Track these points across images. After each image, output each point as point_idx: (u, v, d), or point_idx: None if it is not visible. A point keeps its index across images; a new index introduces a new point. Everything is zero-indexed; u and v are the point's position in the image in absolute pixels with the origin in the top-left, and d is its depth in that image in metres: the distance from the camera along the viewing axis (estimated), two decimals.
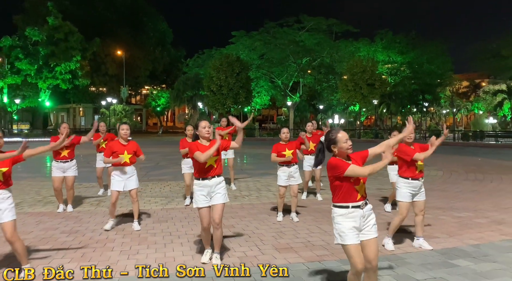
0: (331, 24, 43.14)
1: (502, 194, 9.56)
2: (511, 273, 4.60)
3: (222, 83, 36.17)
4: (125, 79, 54.44)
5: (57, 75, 47.44)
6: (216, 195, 4.82)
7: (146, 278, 4.41)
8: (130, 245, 5.63)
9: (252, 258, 5.11)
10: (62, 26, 46.14)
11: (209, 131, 4.82)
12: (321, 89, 45.95)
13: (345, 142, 3.55)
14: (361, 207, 3.52)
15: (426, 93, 43.81)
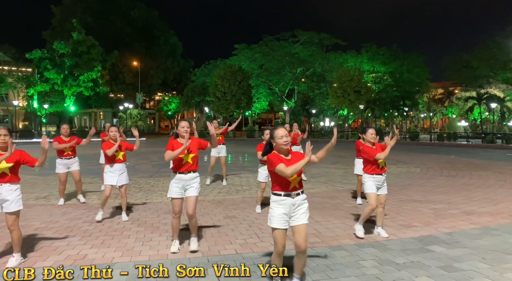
0: (322, 38, 43.14)
1: (472, 188, 9.55)
2: (479, 257, 4.61)
3: (226, 90, 36.16)
4: (140, 86, 54.46)
5: (81, 83, 47.52)
6: (190, 188, 4.79)
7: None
8: (144, 233, 5.63)
9: (252, 245, 5.12)
10: (85, 40, 46.28)
11: (187, 131, 4.75)
12: (314, 95, 45.93)
13: (280, 138, 3.48)
14: (292, 196, 3.50)
15: (406, 99, 43.77)
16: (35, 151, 4.55)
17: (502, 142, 31.61)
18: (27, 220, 6.30)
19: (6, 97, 51.55)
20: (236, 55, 44.78)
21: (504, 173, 12.43)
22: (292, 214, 3.54)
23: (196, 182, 4.84)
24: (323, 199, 8.21)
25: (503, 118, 44.52)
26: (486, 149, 26.65)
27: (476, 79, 40.53)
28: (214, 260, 4.55)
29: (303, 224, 3.54)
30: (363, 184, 5.49)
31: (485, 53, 38.20)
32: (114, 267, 4.29)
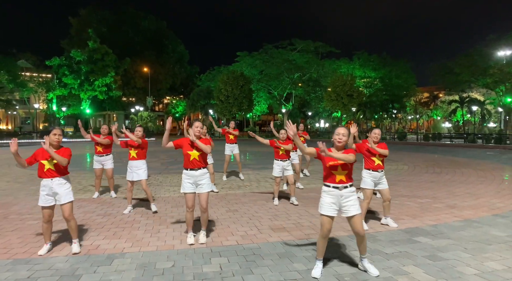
0: (317, 46, 43.03)
1: (454, 184, 9.51)
2: (462, 247, 4.58)
3: (229, 94, 36.09)
4: (150, 91, 54.41)
5: (95, 88, 47.64)
6: (201, 184, 4.76)
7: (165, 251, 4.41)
8: (153, 225, 5.61)
9: (252, 236, 5.09)
10: (100, 49, 46.37)
11: (199, 131, 4.76)
12: (310, 99, 45.83)
13: (337, 136, 3.72)
14: (339, 189, 3.67)
15: (395, 102, 43.72)
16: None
17: (482, 142, 31.56)
18: None
19: (28, 100, 51.62)
20: (238, 61, 44.65)
21: (485, 170, 12.38)
22: (342, 205, 3.69)
23: (206, 178, 4.80)
24: (318, 194, 8.10)
25: (483, 120, 44.48)
26: (468, 148, 26.57)
27: (459, 84, 40.34)
28: (216, 250, 4.53)
29: (356, 214, 3.69)
30: (362, 180, 5.47)
31: (467, 60, 38.01)
32: (125, 257, 4.28)
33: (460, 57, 38.84)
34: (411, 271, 3.86)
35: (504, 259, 4.19)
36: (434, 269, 3.92)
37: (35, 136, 41.54)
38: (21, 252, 4.39)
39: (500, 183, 9.57)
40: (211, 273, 3.83)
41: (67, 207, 4.34)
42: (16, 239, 4.89)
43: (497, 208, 6.81)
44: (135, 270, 3.90)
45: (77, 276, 3.74)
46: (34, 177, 10.45)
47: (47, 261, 4.12)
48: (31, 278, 3.68)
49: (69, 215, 4.35)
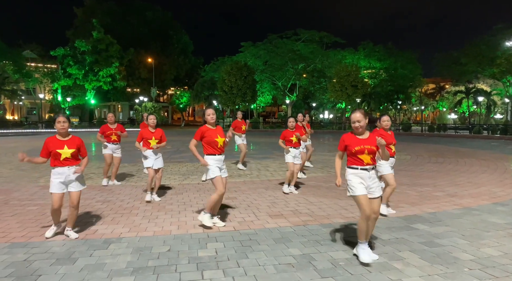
0: (322, 36, 42.56)
1: (457, 173, 9.45)
2: (459, 234, 4.55)
3: (232, 85, 35.95)
4: (154, 81, 54.32)
5: (100, 78, 47.64)
6: (224, 169, 4.90)
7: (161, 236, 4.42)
8: (151, 212, 5.62)
9: (249, 222, 5.09)
10: (104, 39, 46.26)
11: (213, 118, 4.78)
12: (314, 90, 45.51)
13: (353, 124, 3.77)
14: (368, 170, 3.71)
15: (400, 93, 43.31)
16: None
17: (488, 133, 31.32)
18: (46, 199, 6.33)
19: (33, 91, 51.87)
20: (242, 52, 44.38)
21: (488, 160, 12.29)
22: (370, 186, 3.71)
23: (224, 163, 4.93)
24: (318, 183, 8.15)
25: (489, 111, 44.01)
26: (472, 139, 26.39)
27: (465, 74, 39.88)
28: (213, 235, 4.53)
29: (380, 196, 3.75)
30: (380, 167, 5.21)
31: (474, 50, 37.50)
32: (121, 241, 4.30)
33: (467, 47, 38.34)
34: (406, 256, 3.85)
35: (501, 246, 4.16)
36: (430, 254, 3.90)
37: (41, 126, 41.84)
38: (19, 236, 4.43)
39: (503, 173, 9.50)
40: (206, 257, 3.84)
41: (77, 195, 4.37)
42: (15, 223, 4.93)
43: (497, 196, 6.76)
44: (131, 254, 3.91)
45: (73, 259, 3.76)
46: (37, 165, 10.51)
47: (44, 245, 4.14)
48: (27, 260, 3.71)
49: (78, 203, 4.37)
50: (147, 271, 3.50)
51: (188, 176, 8.95)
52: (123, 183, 7.93)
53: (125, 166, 10.39)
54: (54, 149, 4.27)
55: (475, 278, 3.32)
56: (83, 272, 3.46)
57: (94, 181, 8.08)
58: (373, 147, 3.69)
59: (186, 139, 23.15)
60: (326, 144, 20.09)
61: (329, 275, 3.41)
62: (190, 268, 3.57)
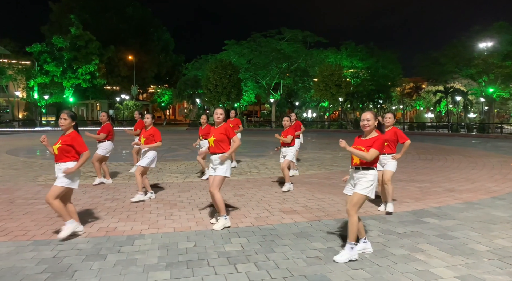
0: (305, 36, 42.89)
1: (448, 170, 9.81)
2: (469, 227, 4.79)
3: (217, 83, 35.83)
4: (135, 79, 53.56)
5: (79, 76, 46.62)
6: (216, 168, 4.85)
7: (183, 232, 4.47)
8: (164, 209, 5.65)
9: (265, 218, 5.19)
10: (83, 35, 45.29)
11: (219, 117, 4.85)
12: (297, 88, 45.92)
13: (362, 121, 3.82)
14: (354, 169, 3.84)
15: (381, 92, 44.16)
16: (32, 138, 4.50)
17: (465, 131, 32.50)
18: None
19: (6, 88, 50.13)
20: (226, 50, 44.23)
21: (473, 157, 12.78)
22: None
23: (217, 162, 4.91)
24: (319, 179, 8.33)
25: (466, 110, 45.51)
26: (452, 137, 27.28)
27: (443, 74, 41.06)
28: (234, 231, 4.61)
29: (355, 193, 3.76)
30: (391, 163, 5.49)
31: (452, 51, 38.62)
32: (145, 238, 4.33)
33: (445, 48, 39.47)
34: (426, 248, 4.03)
35: (511, 237, 4.41)
36: (447, 246, 4.10)
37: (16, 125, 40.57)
38: (39, 234, 4.39)
39: (491, 169, 9.92)
40: (234, 251, 3.92)
41: (51, 189, 4.18)
42: (30, 222, 4.87)
43: (493, 191, 7.09)
44: (158, 250, 3.96)
45: (102, 255, 3.77)
46: (29, 164, 10.30)
47: (69, 242, 4.13)
48: (57, 257, 3.70)
49: (47, 198, 4.15)
50: (181, 265, 3.56)
51: (189, 174, 8.97)
52: (126, 182, 7.89)
53: (122, 165, 10.30)
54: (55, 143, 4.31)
55: (496, 268, 3.52)
56: (117, 268, 3.48)
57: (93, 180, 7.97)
58: (361, 148, 3.73)
59: (174, 138, 23.03)
60: (315, 143, 20.34)
61: (358, 267, 3.55)
62: (221, 262, 3.65)
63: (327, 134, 29.27)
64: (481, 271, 3.44)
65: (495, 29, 37.82)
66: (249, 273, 3.40)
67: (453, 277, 3.31)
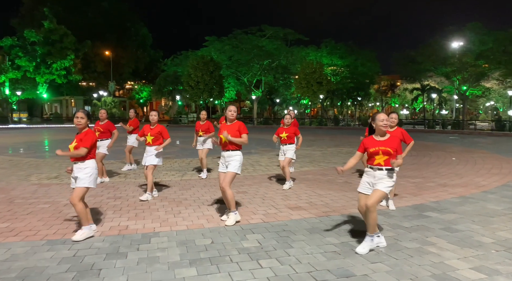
0: (286, 33, 43.12)
1: (436, 165, 10.17)
2: (469, 220, 5.02)
3: (199, 80, 35.57)
4: (112, 75, 52.46)
5: (53, 71, 45.22)
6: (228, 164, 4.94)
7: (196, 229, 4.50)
8: (171, 207, 5.65)
9: (274, 215, 5.28)
10: (57, 29, 43.98)
11: (233, 114, 4.90)
12: (278, 86, 46.15)
13: (381, 121, 3.91)
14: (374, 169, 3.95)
15: (359, 90, 44.97)
16: (8, 136, 4.44)
17: (440, 127, 33.65)
18: (51, 197, 6.14)
19: None
20: (206, 46, 43.94)
21: (455, 152, 13.28)
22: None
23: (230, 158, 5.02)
24: (315, 176, 8.48)
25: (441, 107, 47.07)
26: (429, 133, 28.14)
27: (420, 72, 42.24)
28: (246, 228, 4.68)
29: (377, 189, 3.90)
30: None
31: (428, 50, 39.79)
32: (159, 236, 4.33)
33: (422, 47, 40.59)
34: (436, 241, 4.21)
35: (511, 229, 4.66)
36: (455, 239, 4.29)
37: None
38: (51, 234, 4.33)
39: (475, 164, 10.35)
40: (253, 248, 3.99)
41: (76, 191, 4.14)
42: (37, 221, 4.78)
43: (482, 185, 7.42)
44: (177, 247, 3.98)
45: (122, 253, 3.76)
46: (16, 163, 10.01)
47: (84, 241, 4.09)
48: (77, 256, 3.67)
49: (72, 199, 4.09)
50: (204, 262, 3.60)
51: (185, 172, 8.94)
52: (124, 181, 7.81)
53: (113, 163, 10.14)
54: (71, 143, 4.25)
55: (506, 259, 3.72)
56: (141, 265, 3.49)
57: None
58: (388, 149, 3.87)
59: None
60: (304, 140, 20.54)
61: (377, 261, 3.68)
62: (243, 258, 3.71)
63: (309, 131, 29.57)
64: (493, 262, 3.64)
65: (469, 29, 39.20)
66: (273, 268, 3.47)
67: (468, 268, 3.49)
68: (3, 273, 3.28)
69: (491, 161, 10.93)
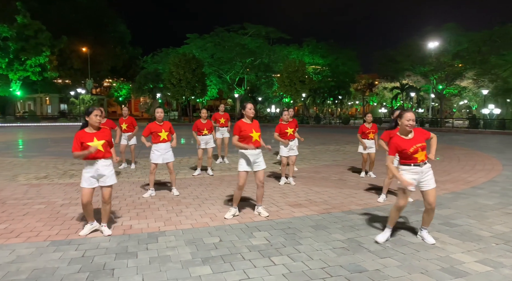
0: (269, 31, 43.19)
1: None
2: (466, 215, 5.19)
3: (181, 77, 35.21)
4: (90, 73, 51.25)
5: (28, 68, 43.75)
6: (259, 163, 5.01)
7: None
8: (171, 206, 5.61)
9: (276, 212, 5.31)
10: (32, 24, 42.53)
11: (253, 112, 4.94)
12: (260, 84, 46.21)
13: (408, 121, 3.97)
14: (420, 166, 4.02)
15: (340, 88, 45.58)
16: None
17: (417, 125, 34.57)
18: (45, 197, 5.99)
19: None
20: (188, 44, 43.54)
21: (438, 149, 13.57)
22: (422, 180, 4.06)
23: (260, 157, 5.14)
24: (309, 173, 8.57)
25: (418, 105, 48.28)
26: None
27: (399, 71, 43.22)
28: (252, 225, 4.70)
29: (433, 188, 4.10)
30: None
31: (407, 50, 40.76)
32: (166, 234, 4.31)
33: (401, 46, 41.53)
34: (438, 236, 4.34)
35: (505, 223, 4.85)
36: (455, 233, 4.44)
37: None
38: (54, 234, 4.23)
39: (459, 161, 10.68)
40: (262, 245, 4.01)
41: (109, 190, 4.25)
42: (36, 222, 4.66)
43: (470, 181, 7.68)
44: (186, 246, 3.96)
45: (132, 253, 3.73)
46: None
47: (91, 241, 4.02)
48: (86, 256, 3.61)
49: (109, 198, 4.26)
50: (217, 260, 3.60)
51: (178, 171, 8.84)
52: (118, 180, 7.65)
53: None
54: (85, 143, 4.13)
55: (507, 252, 3.88)
56: (154, 265, 3.46)
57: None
58: (424, 144, 4.02)
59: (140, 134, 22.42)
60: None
61: (386, 256, 3.77)
62: (255, 255, 3.73)
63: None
64: (495, 255, 3.78)
65: (445, 29, 40.33)
66: (287, 265, 3.51)
67: (473, 261, 3.62)
68: (13, 275, 3.20)
69: (473, 158, 11.30)
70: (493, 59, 34.53)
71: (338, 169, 9.33)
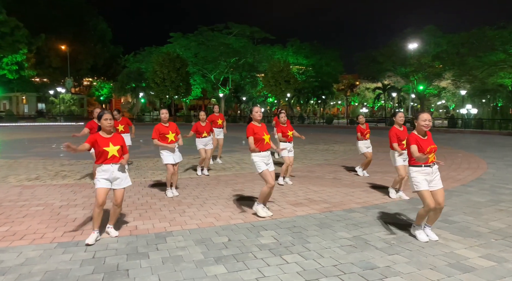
0: (253, 31, 43.22)
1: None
2: (461, 212, 5.36)
3: (165, 77, 34.85)
4: (69, 71, 50.13)
5: (4, 66, 42.54)
6: (271, 163, 5.08)
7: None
8: (172, 206, 5.59)
9: (279, 211, 5.36)
10: (8, 21, 41.29)
11: (260, 115, 4.99)
12: (244, 83, 46.18)
13: (423, 121, 4.11)
14: (430, 167, 4.14)
15: (324, 89, 46.03)
16: None
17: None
18: (42, 199, 5.87)
19: None
20: (171, 43, 43.12)
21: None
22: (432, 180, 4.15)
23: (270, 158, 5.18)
24: (303, 173, 8.66)
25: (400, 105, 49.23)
26: None
27: (381, 72, 44.01)
28: (257, 224, 4.73)
29: (442, 188, 4.19)
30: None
31: (388, 51, 41.57)
32: (173, 235, 4.30)
33: (383, 48, 42.33)
34: (439, 233, 4.47)
35: (500, 219, 5.04)
36: (455, 230, 4.59)
37: None
38: (59, 236, 4.17)
39: (445, 160, 10.96)
40: (272, 244, 4.06)
41: (122, 193, 4.22)
42: (38, 224, 4.58)
43: (459, 179, 7.92)
44: (196, 245, 3.97)
45: (143, 254, 3.71)
46: None
47: (99, 243, 3.98)
48: (97, 258, 3.58)
49: (122, 200, 4.23)
50: (230, 259, 3.62)
51: None
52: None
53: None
54: (102, 146, 4.09)
55: (506, 247, 4.04)
56: (168, 265, 3.46)
57: (72, 179, 7.56)
58: (435, 146, 4.13)
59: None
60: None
61: (393, 253, 3.87)
62: (266, 254, 3.77)
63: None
64: (497, 250, 3.93)
65: (425, 32, 41.31)
66: (299, 263, 3.57)
67: (477, 257, 3.76)
68: (26, 277, 3.15)
69: (458, 156, 11.64)
70: (471, 60, 35.57)
71: (331, 168, 9.47)
